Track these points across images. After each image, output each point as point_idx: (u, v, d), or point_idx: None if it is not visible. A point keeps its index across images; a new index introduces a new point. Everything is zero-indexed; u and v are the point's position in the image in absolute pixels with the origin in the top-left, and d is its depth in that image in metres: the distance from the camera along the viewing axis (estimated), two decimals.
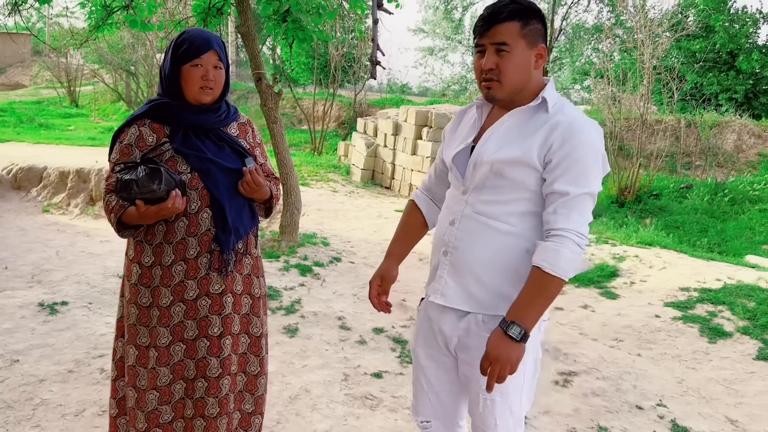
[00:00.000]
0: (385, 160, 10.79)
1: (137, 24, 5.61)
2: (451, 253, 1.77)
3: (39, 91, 23.83)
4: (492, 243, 1.72)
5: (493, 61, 1.67)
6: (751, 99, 15.77)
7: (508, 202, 1.70)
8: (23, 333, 3.69)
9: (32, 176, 8.66)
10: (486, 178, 1.71)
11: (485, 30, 1.68)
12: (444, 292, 1.80)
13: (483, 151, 1.72)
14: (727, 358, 4.07)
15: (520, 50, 1.67)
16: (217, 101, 2.09)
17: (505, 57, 1.66)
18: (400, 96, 19.75)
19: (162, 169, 1.90)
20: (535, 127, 1.68)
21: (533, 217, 1.71)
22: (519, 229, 1.70)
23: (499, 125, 1.74)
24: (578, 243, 1.62)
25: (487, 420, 1.79)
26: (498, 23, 1.66)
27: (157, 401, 2.08)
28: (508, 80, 1.68)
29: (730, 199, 9.81)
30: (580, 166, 1.62)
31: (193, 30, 2.06)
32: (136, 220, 1.95)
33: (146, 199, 1.87)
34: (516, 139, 1.69)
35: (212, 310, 2.07)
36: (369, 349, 3.87)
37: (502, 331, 1.62)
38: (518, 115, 1.72)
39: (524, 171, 1.67)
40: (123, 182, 1.89)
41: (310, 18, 5.52)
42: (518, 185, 1.68)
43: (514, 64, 1.67)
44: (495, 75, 1.68)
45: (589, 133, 1.65)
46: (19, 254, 6.03)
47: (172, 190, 1.89)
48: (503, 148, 1.69)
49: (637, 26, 11.10)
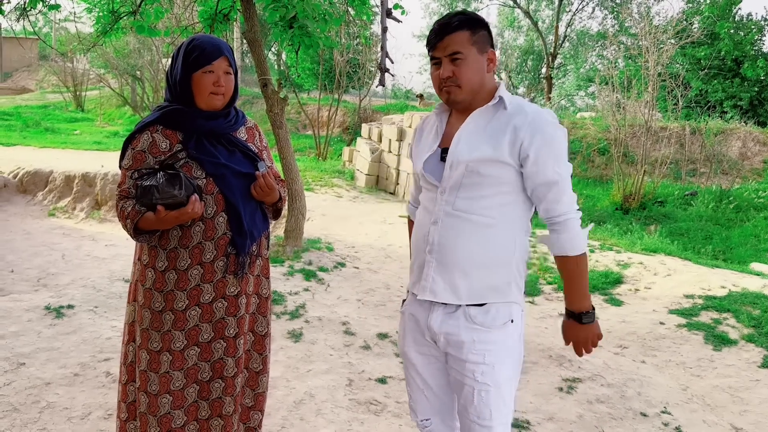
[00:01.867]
0: (389, 165, 10.80)
1: (144, 29, 5.65)
2: (437, 251, 1.84)
3: (45, 96, 23.97)
4: (474, 237, 1.81)
5: (450, 70, 1.80)
6: (756, 106, 15.76)
7: (487, 197, 1.80)
8: (29, 336, 3.70)
9: (38, 180, 8.71)
10: (462, 176, 1.81)
11: (438, 41, 1.81)
12: (432, 289, 1.86)
13: (457, 152, 1.81)
14: (732, 366, 4.06)
15: (473, 56, 1.80)
16: (227, 107, 2.11)
17: (460, 64, 1.79)
18: (405, 102, 19.79)
19: (181, 174, 1.93)
20: (500, 125, 1.80)
21: (512, 207, 1.82)
22: (498, 220, 1.81)
23: (465, 127, 1.84)
24: (577, 218, 1.80)
25: (483, 412, 1.84)
26: (449, 33, 1.79)
27: (170, 405, 2.09)
28: (466, 83, 1.81)
29: (735, 206, 9.79)
30: (555, 152, 1.76)
31: (203, 37, 2.08)
32: (154, 225, 1.96)
33: (167, 204, 1.90)
34: (485, 139, 1.80)
35: (228, 312, 2.11)
36: (373, 355, 3.88)
37: (575, 322, 1.86)
38: (479, 115, 1.84)
39: (499, 167, 1.78)
40: (143, 188, 1.91)
41: (317, 24, 5.55)
42: (494, 180, 1.79)
43: (469, 70, 1.80)
44: (453, 81, 1.81)
45: (551, 122, 1.78)
46: (25, 258, 6.05)
47: (191, 195, 1.93)
48: (475, 149, 1.79)
49: (642, 33, 11.11)
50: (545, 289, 5.74)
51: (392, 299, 5.02)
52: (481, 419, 1.84)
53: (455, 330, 1.84)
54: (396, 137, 10.59)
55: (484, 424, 1.84)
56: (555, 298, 5.51)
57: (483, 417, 1.84)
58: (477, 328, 1.82)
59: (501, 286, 1.82)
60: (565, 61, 23.74)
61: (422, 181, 1.95)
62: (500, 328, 1.83)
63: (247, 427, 2.30)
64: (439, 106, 1.98)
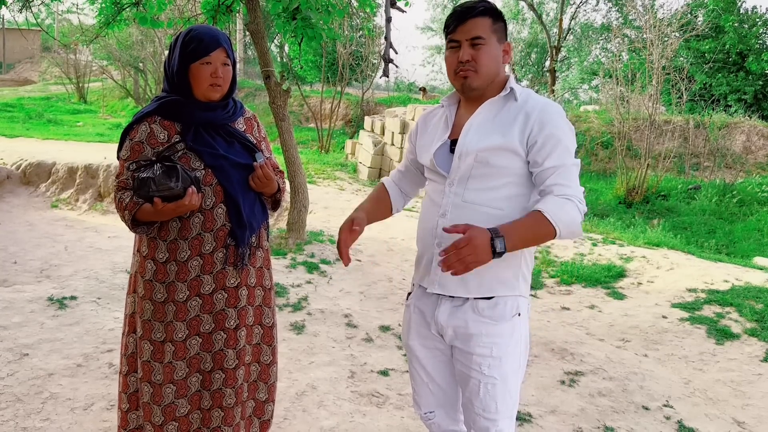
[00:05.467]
0: (392, 158, 10.79)
1: (147, 21, 5.63)
2: (446, 244, 1.81)
3: (48, 88, 23.95)
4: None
5: (469, 54, 1.78)
6: (761, 100, 15.69)
7: (496, 188, 1.78)
8: (32, 327, 3.71)
9: (41, 172, 8.70)
10: (472, 167, 1.79)
11: (459, 25, 1.79)
12: (441, 282, 1.85)
13: (466, 142, 1.80)
14: (735, 360, 4.06)
15: (493, 44, 1.80)
16: (225, 98, 2.10)
17: (481, 49, 1.78)
18: (408, 95, 19.74)
19: (179, 166, 1.92)
20: (510, 115, 1.79)
21: (520, 199, 1.80)
22: (508, 212, 1.78)
23: (475, 117, 1.83)
24: (579, 210, 1.69)
25: (489, 405, 1.83)
26: (472, 17, 1.78)
27: (174, 395, 2.10)
28: (484, 70, 1.79)
29: (738, 200, 9.76)
30: (563, 143, 1.74)
31: (200, 27, 2.07)
32: (152, 217, 1.96)
33: (164, 196, 1.90)
34: (495, 128, 1.79)
35: (228, 303, 2.11)
36: (375, 347, 3.88)
37: (489, 236, 1.60)
38: (490, 106, 1.83)
39: (508, 157, 1.76)
40: (140, 180, 1.91)
41: (320, 16, 5.53)
42: (504, 171, 1.77)
43: (488, 56, 1.79)
44: (472, 66, 1.79)
45: (561, 114, 1.78)
46: (28, 249, 6.06)
47: (188, 187, 1.92)
48: (485, 138, 1.78)
49: (646, 26, 11.05)
50: (548, 282, 5.74)
51: (394, 292, 5.02)
52: (487, 412, 1.84)
53: (463, 323, 1.83)
54: (399, 130, 10.57)
55: (489, 417, 1.84)
56: (557, 292, 5.51)
57: (489, 410, 1.84)
58: (485, 321, 1.81)
59: (509, 279, 1.82)
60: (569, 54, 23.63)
61: (429, 172, 1.93)
62: (508, 321, 1.82)
63: (262, 421, 2.31)
64: (448, 98, 1.96)
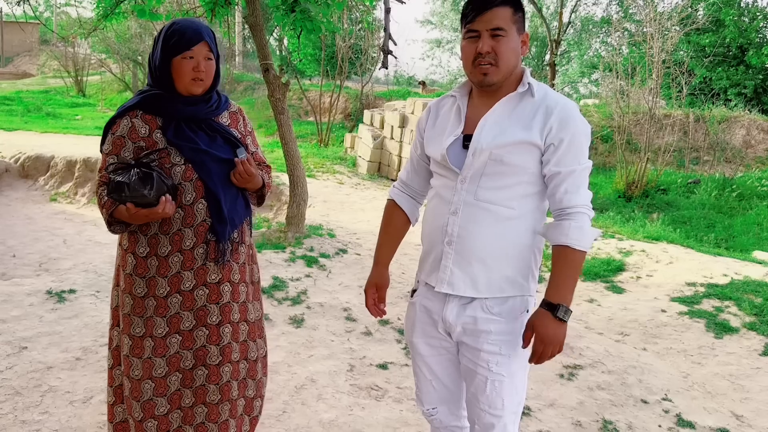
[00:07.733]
0: (391, 152, 10.77)
1: (145, 13, 5.60)
2: (456, 242, 1.79)
3: (46, 81, 23.86)
4: (496, 228, 1.76)
5: (490, 45, 1.70)
6: (761, 94, 15.65)
7: (509, 187, 1.75)
8: (31, 320, 3.71)
9: (39, 165, 8.70)
10: (485, 165, 1.74)
11: (479, 14, 1.70)
12: (450, 281, 1.81)
13: (481, 138, 1.74)
14: (733, 354, 4.06)
15: (513, 35, 1.72)
16: (208, 92, 2.08)
17: (501, 41, 1.70)
18: (407, 88, 19.69)
19: (155, 174, 1.90)
20: (528, 111, 1.74)
21: (532, 198, 1.77)
22: (519, 212, 1.76)
23: (491, 114, 1.77)
24: (589, 216, 1.72)
25: (495, 402, 1.82)
26: (494, 7, 1.69)
27: (152, 392, 2.07)
28: (504, 63, 1.72)
29: (738, 194, 9.76)
30: (578, 145, 1.71)
31: (183, 21, 2.04)
32: (126, 219, 1.95)
33: (136, 202, 1.87)
34: (512, 124, 1.74)
35: (210, 299, 2.07)
36: (375, 341, 3.88)
37: (549, 314, 1.68)
38: (507, 101, 1.77)
39: (525, 154, 1.72)
40: (115, 183, 1.90)
41: (319, 9, 5.51)
42: (518, 169, 1.73)
43: (508, 48, 1.72)
44: (492, 59, 1.71)
45: (579, 115, 1.74)
46: (26, 243, 6.06)
47: (162, 195, 1.89)
48: (500, 135, 1.73)
49: (646, 20, 11.02)
50: (547, 276, 5.73)
51: (393, 286, 5.01)
52: (492, 408, 1.83)
53: (472, 320, 1.81)
54: (398, 124, 10.55)
55: (495, 413, 1.83)
56: None
57: (495, 407, 1.82)
58: (494, 319, 1.79)
59: (518, 278, 1.80)
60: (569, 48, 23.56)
61: (438, 167, 1.87)
62: (516, 319, 1.81)
63: (251, 418, 2.29)
64: (460, 88, 1.88)
